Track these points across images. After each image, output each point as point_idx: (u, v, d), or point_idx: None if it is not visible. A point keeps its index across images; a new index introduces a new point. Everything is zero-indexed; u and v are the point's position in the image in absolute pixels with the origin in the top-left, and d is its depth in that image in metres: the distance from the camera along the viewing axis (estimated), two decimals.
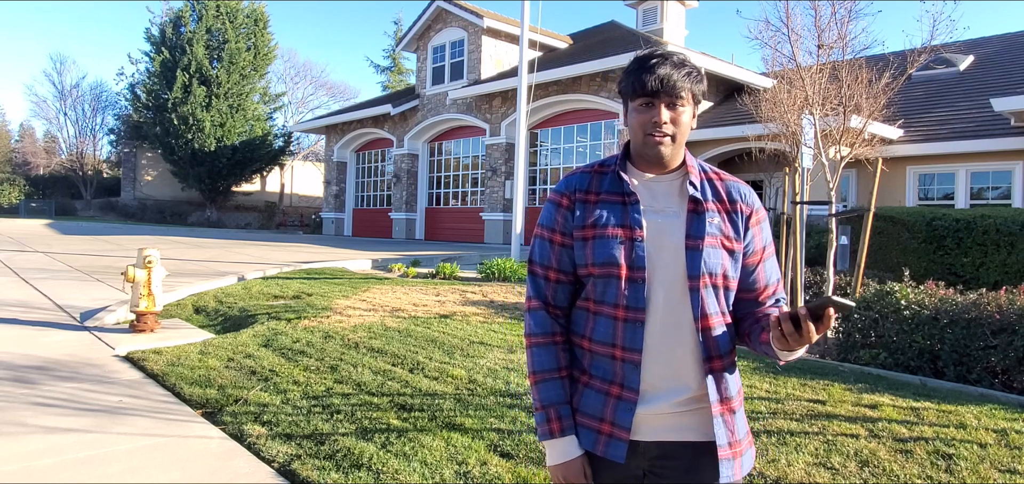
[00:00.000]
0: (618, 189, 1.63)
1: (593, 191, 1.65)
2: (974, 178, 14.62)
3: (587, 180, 1.67)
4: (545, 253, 1.67)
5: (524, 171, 17.38)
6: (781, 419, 4.19)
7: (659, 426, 1.58)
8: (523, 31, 14.20)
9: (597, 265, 1.58)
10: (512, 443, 3.76)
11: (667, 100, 1.58)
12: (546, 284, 1.66)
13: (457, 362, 5.50)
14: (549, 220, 1.67)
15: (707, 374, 1.57)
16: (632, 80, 1.61)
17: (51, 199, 39.09)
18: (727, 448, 1.57)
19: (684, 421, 1.58)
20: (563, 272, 1.65)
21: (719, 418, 1.57)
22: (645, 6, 22.05)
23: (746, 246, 1.64)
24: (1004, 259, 9.65)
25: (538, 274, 1.68)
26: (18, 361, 5.48)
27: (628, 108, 1.64)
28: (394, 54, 46.74)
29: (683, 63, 1.60)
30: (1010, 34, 19.99)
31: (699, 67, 1.64)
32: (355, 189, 28.97)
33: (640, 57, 1.62)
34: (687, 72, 1.59)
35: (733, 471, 1.57)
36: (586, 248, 1.60)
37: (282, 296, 8.94)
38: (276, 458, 3.62)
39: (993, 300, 5.40)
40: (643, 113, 1.60)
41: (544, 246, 1.68)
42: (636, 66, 1.61)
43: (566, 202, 1.65)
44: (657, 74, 1.56)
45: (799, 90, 9.03)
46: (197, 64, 34.13)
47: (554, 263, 1.65)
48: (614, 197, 1.62)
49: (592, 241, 1.59)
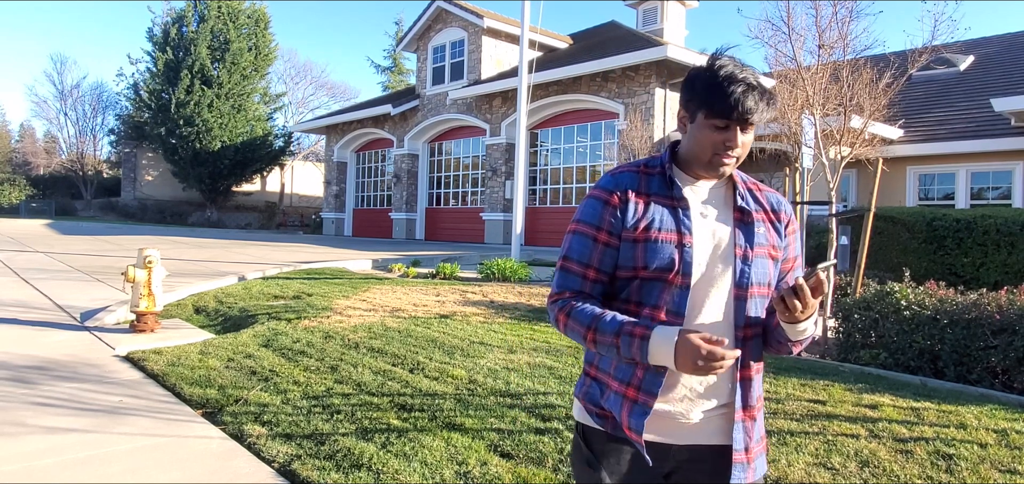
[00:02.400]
0: (667, 192, 1.61)
1: (643, 192, 1.61)
2: (974, 178, 14.62)
3: (636, 179, 1.62)
4: (586, 250, 1.61)
5: (524, 171, 17.39)
6: (781, 419, 4.19)
7: (690, 431, 1.58)
8: (523, 31, 14.19)
9: (648, 268, 1.55)
10: (512, 443, 3.75)
11: (743, 125, 1.55)
12: (583, 282, 1.61)
13: (457, 362, 5.49)
14: (595, 217, 1.61)
15: (739, 382, 1.58)
16: (714, 99, 1.54)
17: (51, 199, 39.09)
18: (743, 452, 1.58)
19: (713, 426, 1.59)
20: (603, 272, 1.61)
21: (740, 423, 1.58)
22: (645, 6, 22.04)
23: (783, 254, 1.66)
24: (1004, 259, 9.64)
25: (574, 270, 1.62)
26: (18, 361, 5.48)
27: (695, 116, 1.58)
28: (394, 54, 46.76)
29: (764, 91, 1.55)
30: (1010, 34, 19.99)
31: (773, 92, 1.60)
32: (355, 189, 28.98)
33: (725, 75, 1.53)
34: (767, 101, 1.55)
35: (746, 475, 1.58)
36: (636, 250, 1.56)
37: (282, 296, 8.93)
38: (276, 458, 3.62)
39: (993, 300, 5.40)
40: (717, 133, 1.55)
41: (585, 242, 1.61)
42: (719, 85, 1.53)
43: (615, 200, 1.59)
44: (745, 105, 1.52)
45: (800, 90, 9.03)
46: (200, 64, 34.16)
47: (595, 262, 1.60)
48: (663, 200, 1.60)
49: (644, 243, 1.55)
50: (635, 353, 1.49)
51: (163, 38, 35.05)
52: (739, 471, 1.57)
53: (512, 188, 19.67)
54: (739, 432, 1.57)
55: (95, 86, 55.57)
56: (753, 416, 1.61)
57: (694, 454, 1.59)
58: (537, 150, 21.01)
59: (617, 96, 17.96)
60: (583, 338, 1.57)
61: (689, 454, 1.59)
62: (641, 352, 1.48)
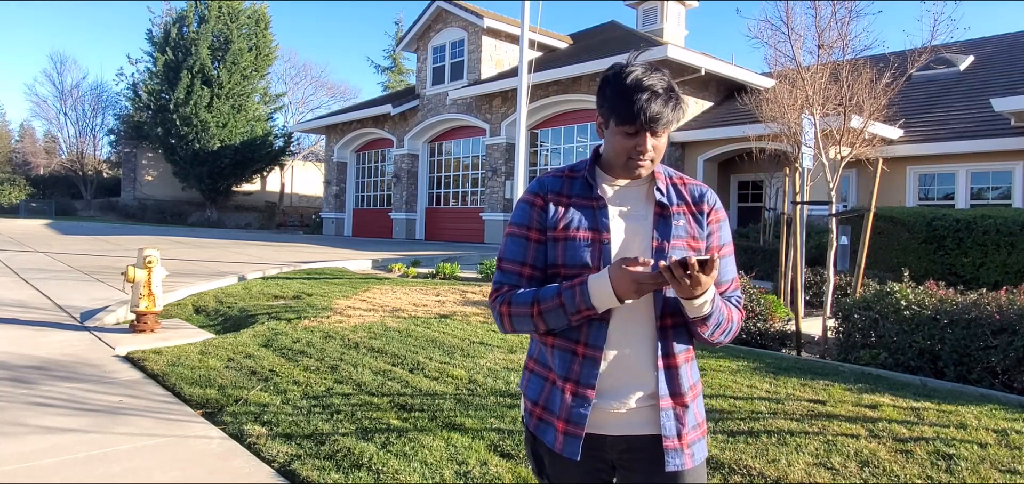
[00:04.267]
0: (587, 194, 1.70)
1: (564, 194, 1.70)
2: (974, 178, 14.62)
3: (559, 183, 1.73)
4: (519, 250, 1.71)
5: (524, 171, 17.34)
6: (781, 419, 4.19)
7: (624, 422, 1.66)
8: (523, 31, 14.18)
9: (567, 265, 1.64)
10: (512, 443, 3.75)
11: (652, 130, 1.61)
12: (519, 279, 1.70)
13: (457, 362, 5.49)
14: (524, 218, 1.72)
15: (662, 370, 1.64)
16: (619, 110, 1.61)
17: (51, 199, 39.07)
18: (675, 439, 1.64)
19: (645, 416, 1.65)
20: (536, 268, 1.70)
21: (668, 411, 1.64)
22: (645, 6, 22.05)
23: (706, 243, 1.71)
24: (1004, 259, 9.65)
25: (510, 270, 1.71)
26: (18, 361, 5.48)
27: (609, 124, 1.66)
28: (394, 54, 46.74)
29: (669, 95, 1.61)
30: (1010, 34, 19.98)
31: (680, 93, 1.66)
32: (355, 189, 28.97)
33: (627, 85, 1.60)
34: (673, 106, 1.61)
35: (682, 460, 1.64)
36: (557, 248, 1.66)
37: (282, 296, 8.94)
38: (276, 458, 3.62)
39: (993, 300, 5.40)
40: (627, 139, 1.62)
41: (518, 243, 1.71)
42: (622, 94, 1.60)
43: (540, 202, 1.71)
44: (648, 113, 1.58)
45: (800, 90, 9.03)
46: (200, 65, 34.16)
47: (529, 259, 1.70)
48: (584, 201, 1.69)
49: (563, 242, 1.66)
50: (578, 302, 1.57)
51: (163, 38, 35.05)
52: (674, 457, 1.64)
53: (512, 188, 19.67)
54: (667, 419, 1.63)
55: (95, 86, 55.63)
56: (685, 403, 1.66)
57: (631, 444, 1.66)
58: (537, 150, 21.01)
59: None
60: (529, 316, 1.64)
61: (626, 444, 1.66)
62: (583, 296, 1.57)
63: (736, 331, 1.72)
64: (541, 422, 1.70)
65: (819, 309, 8.17)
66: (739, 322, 1.72)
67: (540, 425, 1.70)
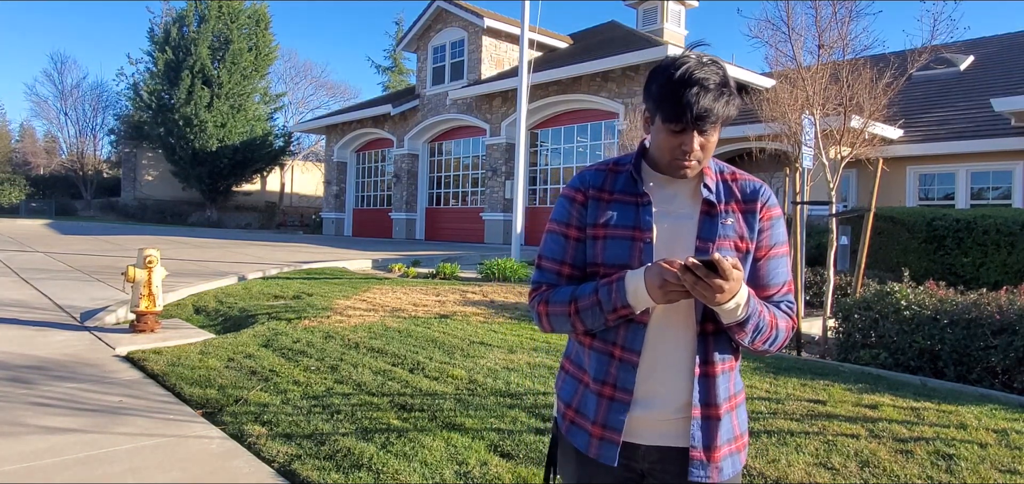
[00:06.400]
0: (632, 189, 1.61)
1: (607, 189, 1.63)
2: (974, 178, 14.62)
3: (602, 178, 1.65)
4: (558, 248, 1.65)
5: (524, 171, 17.36)
6: (781, 419, 4.19)
7: (658, 431, 1.58)
8: (523, 31, 14.19)
9: (606, 264, 1.57)
10: (512, 443, 3.75)
11: (700, 128, 1.50)
12: (558, 278, 1.64)
13: (457, 362, 5.49)
14: (564, 215, 1.65)
15: (698, 378, 1.56)
16: (666, 105, 1.49)
17: (51, 199, 39.08)
18: (701, 451, 1.56)
19: (681, 428, 1.57)
20: (576, 267, 1.64)
21: (697, 421, 1.56)
22: (645, 6, 22.05)
23: (756, 242, 1.61)
24: (1004, 259, 9.64)
25: (549, 268, 1.65)
26: (18, 361, 5.48)
27: (654, 120, 1.55)
28: (394, 54, 46.74)
29: (722, 90, 1.48)
30: (1010, 34, 19.99)
31: (734, 88, 1.52)
32: (355, 189, 28.98)
33: (677, 78, 1.47)
34: (726, 100, 1.49)
35: (707, 474, 1.56)
36: (596, 246, 1.59)
37: (282, 296, 8.93)
38: (276, 458, 3.62)
39: (993, 300, 5.40)
40: (673, 138, 1.52)
41: (557, 241, 1.65)
42: (671, 89, 1.48)
43: (581, 198, 1.63)
44: (696, 109, 1.46)
45: (800, 90, 9.02)
46: (201, 65, 34.17)
47: (569, 258, 1.64)
48: (627, 197, 1.60)
49: (603, 240, 1.58)
50: (615, 298, 1.51)
51: (163, 38, 35.06)
52: (697, 470, 1.55)
53: (512, 188, 19.66)
54: (696, 428, 1.55)
55: (95, 86, 55.55)
56: (718, 414, 1.56)
57: (664, 455, 1.59)
58: (537, 150, 21.01)
59: (617, 96, 17.97)
60: (566, 315, 1.58)
61: (659, 455, 1.59)
62: (619, 292, 1.50)
63: (784, 340, 1.59)
64: (573, 425, 1.64)
65: (819, 309, 8.17)
66: (787, 331, 1.59)
67: (572, 428, 1.65)
